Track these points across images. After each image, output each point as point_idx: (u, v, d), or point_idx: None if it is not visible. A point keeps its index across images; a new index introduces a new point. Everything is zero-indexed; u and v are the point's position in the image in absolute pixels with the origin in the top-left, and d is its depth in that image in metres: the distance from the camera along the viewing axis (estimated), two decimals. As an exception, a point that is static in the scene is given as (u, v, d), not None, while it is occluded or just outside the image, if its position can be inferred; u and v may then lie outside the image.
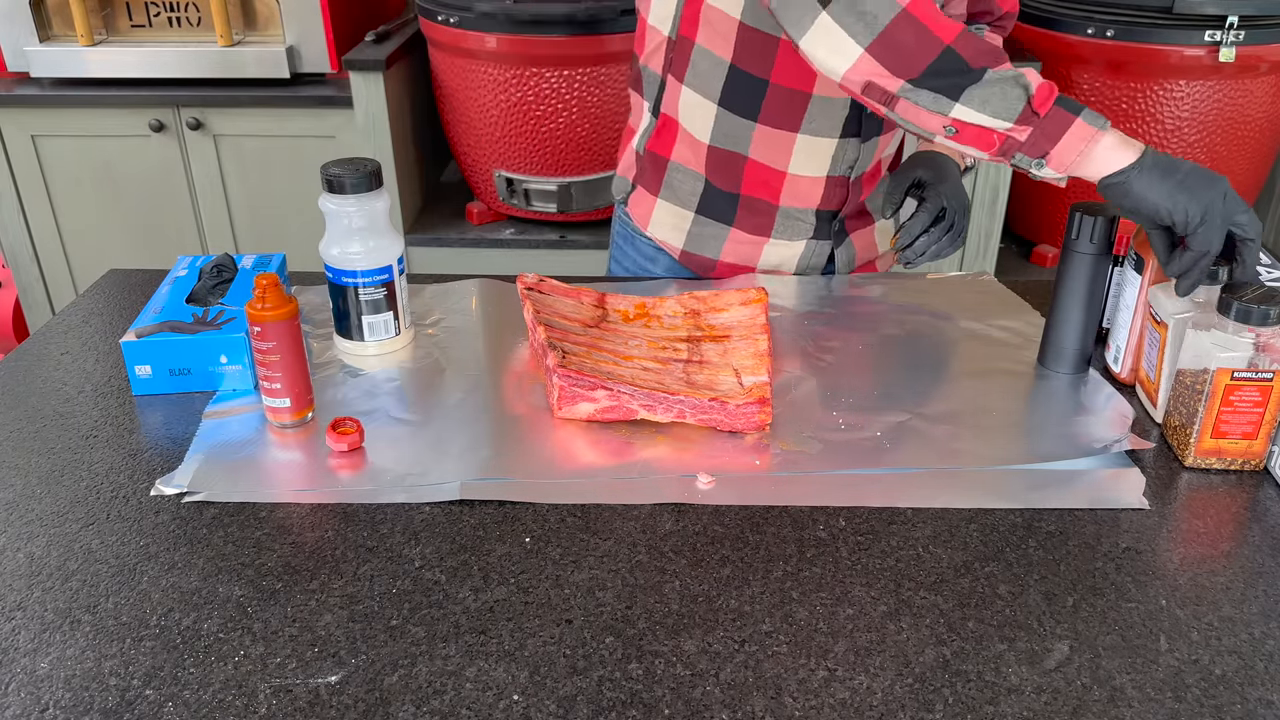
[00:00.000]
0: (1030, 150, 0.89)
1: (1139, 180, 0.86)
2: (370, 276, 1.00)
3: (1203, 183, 0.85)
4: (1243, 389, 0.83)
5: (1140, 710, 0.64)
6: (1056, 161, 0.88)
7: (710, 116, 1.13)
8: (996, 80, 0.88)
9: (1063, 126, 0.87)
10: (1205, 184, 0.85)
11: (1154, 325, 0.91)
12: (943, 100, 0.89)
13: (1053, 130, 0.87)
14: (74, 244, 2.39)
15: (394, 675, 0.66)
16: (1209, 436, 0.85)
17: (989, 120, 0.89)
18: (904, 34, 0.89)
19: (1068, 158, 0.88)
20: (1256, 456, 0.86)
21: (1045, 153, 0.88)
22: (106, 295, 1.19)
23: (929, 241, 1.10)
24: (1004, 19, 1.22)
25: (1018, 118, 0.88)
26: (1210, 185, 0.85)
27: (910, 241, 1.10)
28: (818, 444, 0.90)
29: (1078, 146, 0.87)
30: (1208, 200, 0.84)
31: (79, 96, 2.21)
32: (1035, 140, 0.88)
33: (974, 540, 0.79)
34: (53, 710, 0.63)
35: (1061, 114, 0.87)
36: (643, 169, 1.22)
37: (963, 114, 0.89)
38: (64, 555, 0.77)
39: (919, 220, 1.10)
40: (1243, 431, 0.85)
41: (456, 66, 2.07)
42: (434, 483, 0.84)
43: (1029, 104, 0.87)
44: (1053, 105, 0.87)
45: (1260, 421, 0.84)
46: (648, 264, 1.26)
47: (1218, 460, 0.86)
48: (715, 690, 0.65)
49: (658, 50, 1.14)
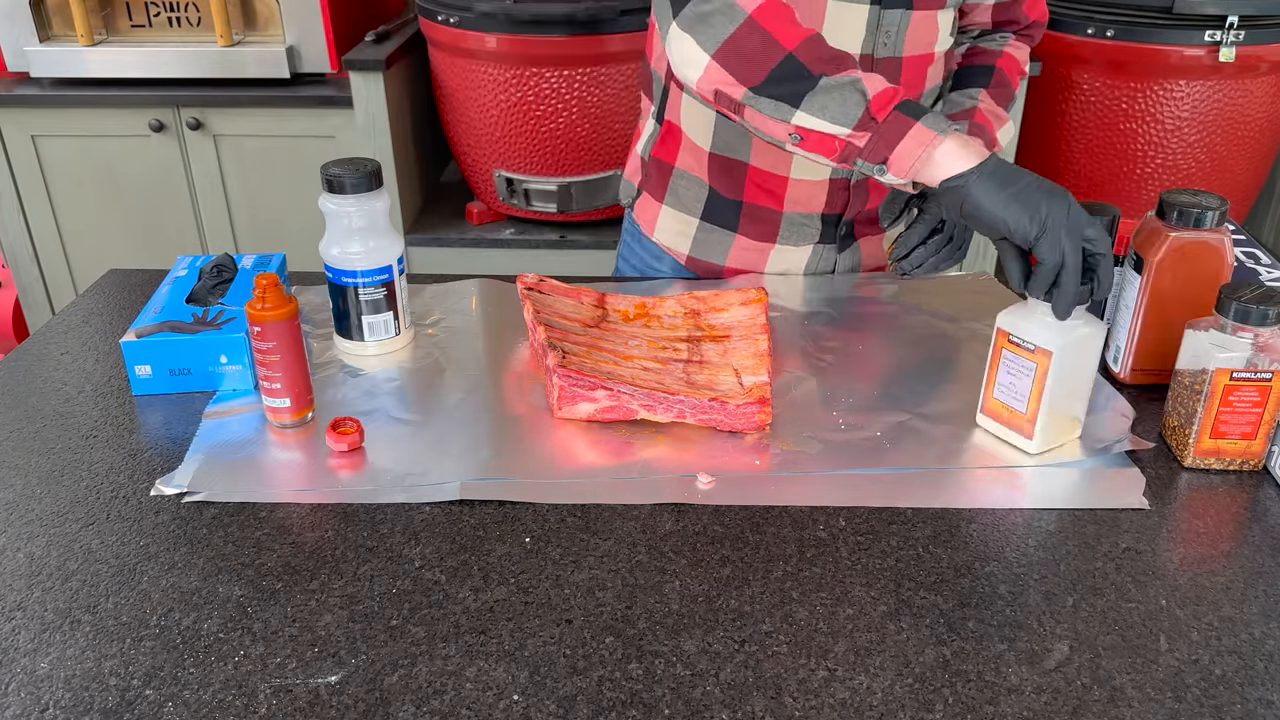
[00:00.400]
0: (869, 156, 0.89)
1: (976, 186, 0.85)
2: (370, 276, 1.00)
3: (1041, 194, 0.83)
4: (1241, 389, 0.83)
5: (1140, 710, 0.64)
6: (896, 166, 0.88)
7: (710, 123, 1.13)
8: (834, 86, 0.88)
9: (900, 131, 0.87)
10: (1044, 195, 0.83)
11: (1019, 353, 0.86)
12: (784, 108, 0.90)
13: (890, 135, 0.87)
14: (74, 244, 2.39)
15: (394, 675, 0.66)
16: (1208, 437, 0.85)
17: (829, 126, 0.89)
18: (748, 42, 0.90)
19: (906, 162, 0.87)
20: (1255, 457, 0.86)
21: (885, 158, 0.88)
22: (106, 295, 1.19)
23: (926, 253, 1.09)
24: (1031, 28, 1.20)
25: (856, 123, 0.88)
26: (1050, 196, 0.83)
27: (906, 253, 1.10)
28: (818, 444, 0.90)
29: (915, 151, 0.86)
30: (1046, 211, 0.82)
31: (79, 96, 2.21)
32: (874, 145, 0.88)
33: (974, 540, 0.79)
34: (53, 710, 0.63)
35: (900, 119, 0.87)
36: (648, 175, 1.22)
37: (804, 121, 0.90)
38: (64, 555, 0.77)
39: (916, 231, 1.09)
40: (1241, 432, 0.85)
41: (456, 66, 2.07)
42: (434, 483, 0.84)
43: (867, 109, 0.87)
44: (892, 110, 0.87)
45: (1259, 422, 0.84)
46: (654, 263, 1.26)
47: (1216, 460, 0.86)
48: (715, 690, 0.65)
49: (663, 55, 1.14)
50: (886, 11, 1.03)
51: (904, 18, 1.04)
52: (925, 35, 1.07)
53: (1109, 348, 1.02)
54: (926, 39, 1.08)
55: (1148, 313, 0.96)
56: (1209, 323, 0.85)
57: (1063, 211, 0.82)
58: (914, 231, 1.09)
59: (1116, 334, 1.00)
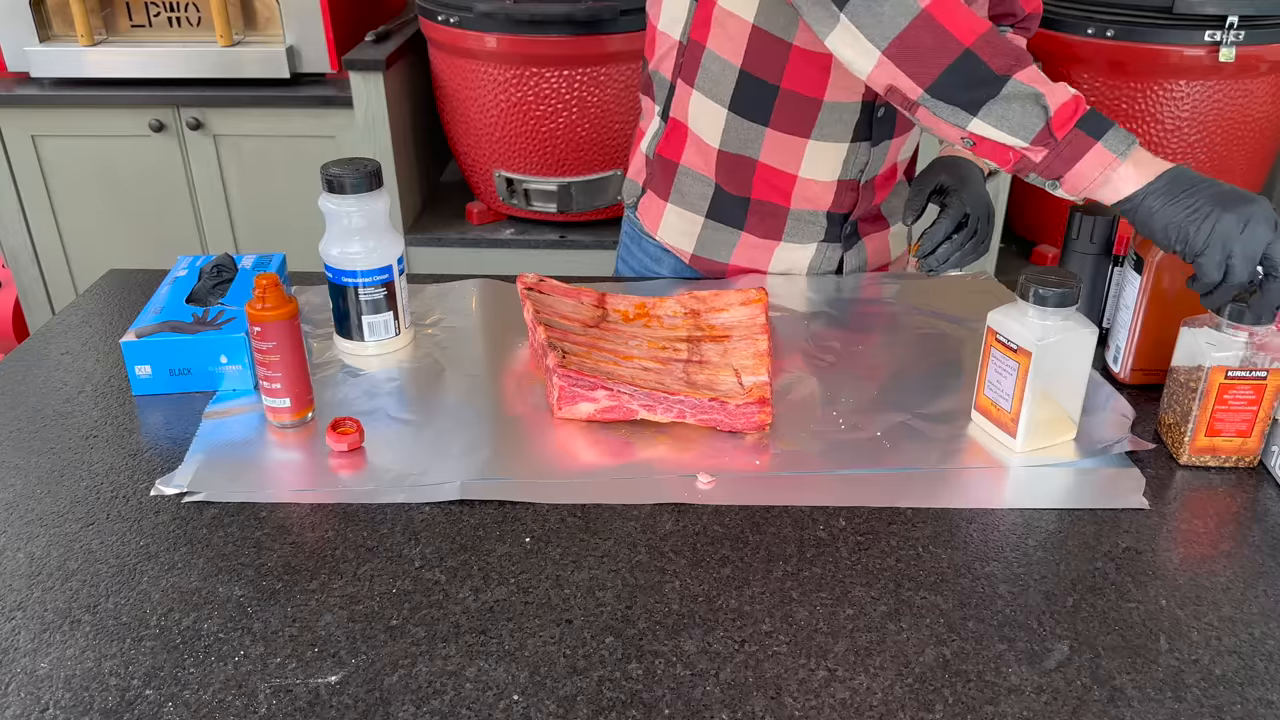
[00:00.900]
0: (1044, 172, 0.87)
1: (1144, 206, 0.84)
2: (370, 276, 1.00)
3: (1215, 207, 0.80)
4: (1237, 387, 0.83)
5: (1140, 710, 0.64)
6: (1070, 185, 0.86)
7: (720, 121, 1.12)
8: (1017, 96, 0.86)
9: (1079, 152, 0.84)
10: (1213, 210, 0.80)
11: (1005, 352, 0.86)
12: (960, 114, 0.88)
13: (1069, 155, 0.85)
14: (74, 244, 2.39)
15: (394, 675, 0.66)
16: (1203, 435, 0.85)
17: (1005, 138, 0.87)
18: (922, 37, 0.87)
19: (1082, 183, 0.85)
20: (1250, 454, 0.86)
21: (1060, 175, 0.86)
22: (106, 295, 1.19)
23: (951, 249, 1.08)
24: (1027, 20, 1.20)
25: (1034, 138, 0.86)
26: (1222, 210, 0.80)
27: (932, 249, 1.10)
28: (818, 444, 0.90)
29: (1092, 174, 0.85)
30: (1210, 228, 0.80)
31: (79, 96, 2.21)
32: (1050, 163, 0.86)
33: (974, 540, 0.79)
34: (53, 710, 0.63)
35: (1081, 138, 0.84)
36: (652, 173, 1.22)
37: (980, 129, 0.88)
38: (64, 555, 0.77)
39: (940, 227, 1.09)
40: (1237, 429, 0.85)
41: (456, 66, 2.07)
42: (434, 483, 0.84)
43: (1047, 126, 0.85)
44: (1072, 128, 0.85)
45: (1254, 419, 0.84)
46: (653, 264, 1.26)
47: (1212, 458, 0.86)
48: (715, 690, 0.65)
49: (668, 55, 1.14)
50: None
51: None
52: None
53: (1109, 348, 1.02)
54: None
55: (1148, 313, 0.96)
56: (1204, 320, 0.85)
57: (1233, 227, 0.79)
58: (938, 228, 1.09)
59: (1116, 334, 1.00)
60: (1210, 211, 0.80)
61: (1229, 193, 0.81)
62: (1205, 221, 0.80)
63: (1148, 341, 0.97)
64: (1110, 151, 0.84)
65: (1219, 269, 0.81)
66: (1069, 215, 1.04)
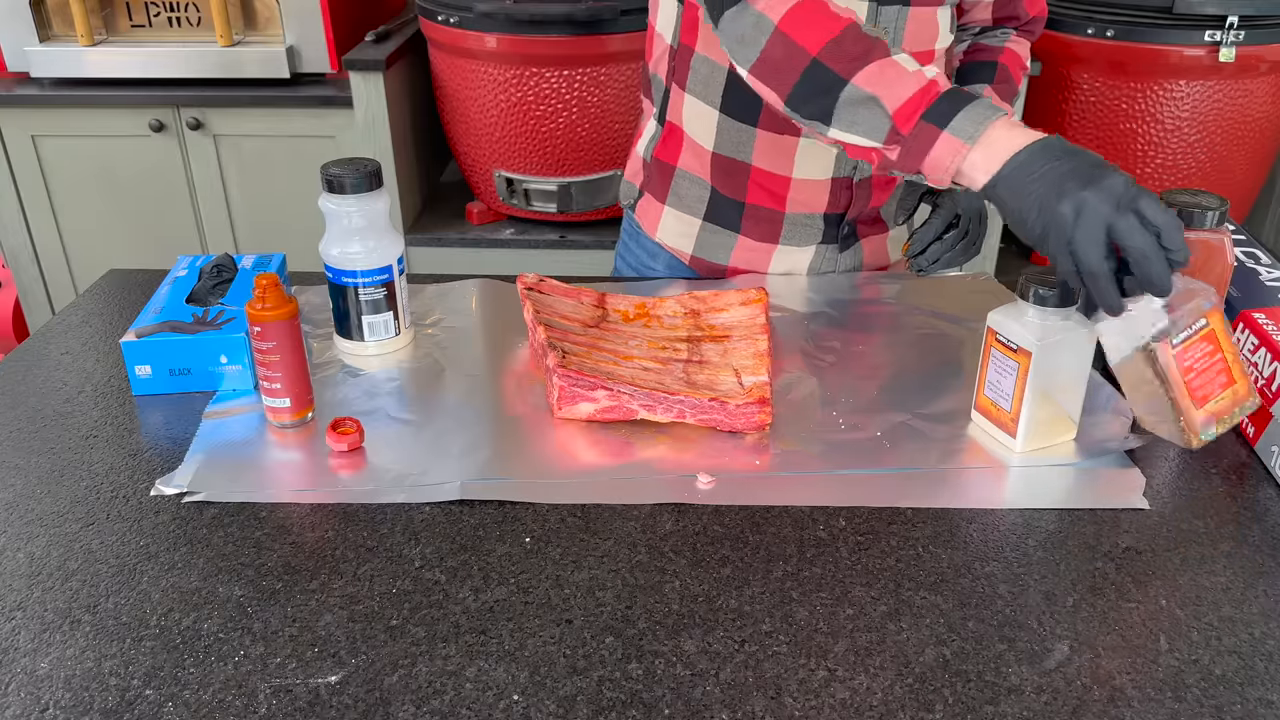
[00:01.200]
0: (903, 169, 0.86)
1: (995, 198, 0.80)
2: (370, 276, 1.00)
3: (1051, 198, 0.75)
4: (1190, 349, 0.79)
5: (1140, 710, 0.64)
6: (932, 177, 0.84)
7: (713, 123, 1.12)
8: (856, 101, 0.85)
9: (927, 144, 0.83)
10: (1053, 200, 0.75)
11: (1005, 352, 0.85)
12: (819, 125, 0.89)
13: (917, 149, 0.83)
14: (74, 244, 2.39)
15: (394, 675, 0.66)
16: (1196, 410, 0.82)
17: (863, 141, 0.87)
18: (776, 52, 0.88)
19: (940, 173, 0.83)
20: (1244, 398, 0.82)
21: (918, 170, 0.85)
22: (106, 295, 1.19)
23: (941, 249, 1.08)
24: (1031, 23, 1.20)
25: (885, 138, 0.85)
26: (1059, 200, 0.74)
27: (922, 248, 1.09)
28: (818, 444, 0.90)
29: (945, 163, 0.82)
30: (1049, 220, 0.75)
31: (79, 96, 2.21)
32: (904, 159, 0.85)
33: (974, 540, 0.79)
34: (53, 710, 0.63)
35: (927, 129, 0.82)
36: (650, 176, 1.22)
37: (839, 136, 0.88)
38: (64, 555, 0.77)
39: (931, 227, 1.09)
40: (1221, 385, 0.81)
41: (456, 66, 2.07)
42: (434, 483, 0.84)
43: (892, 125, 0.84)
44: (917, 121, 0.83)
45: (1227, 366, 0.80)
46: (650, 261, 1.26)
47: (1219, 424, 0.83)
48: (715, 690, 0.65)
49: (662, 57, 1.15)
50: (884, 8, 1.03)
51: (901, 14, 1.04)
52: (925, 31, 1.07)
53: None
54: (926, 35, 1.08)
55: None
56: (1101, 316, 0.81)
57: (1067, 216, 0.74)
58: (929, 228, 1.09)
59: None
60: (1045, 202, 0.75)
61: (1068, 176, 0.75)
62: (1041, 214, 0.76)
63: None
64: (957, 138, 0.81)
65: (1066, 263, 0.76)
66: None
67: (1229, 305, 0.97)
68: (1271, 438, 0.87)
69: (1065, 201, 0.74)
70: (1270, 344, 0.89)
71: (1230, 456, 0.89)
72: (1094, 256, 0.74)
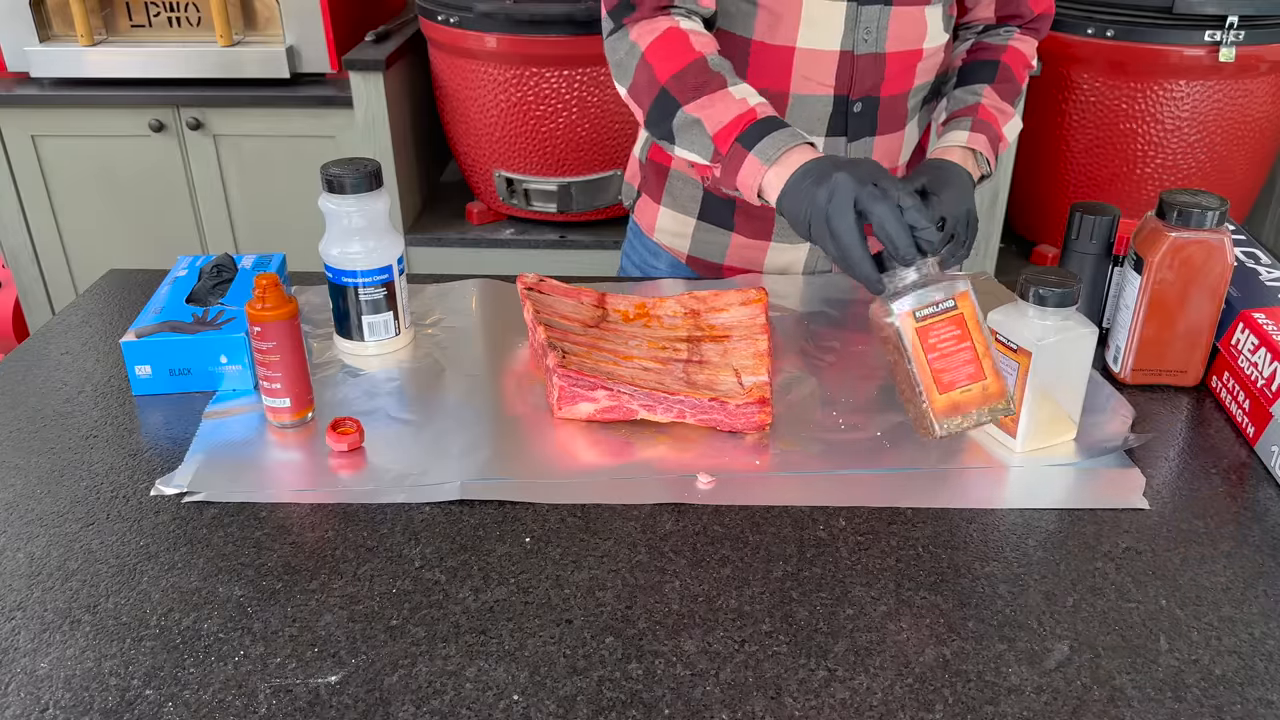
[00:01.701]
0: (724, 184, 0.95)
1: (783, 210, 0.89)
2: (370, 276, 1.00)
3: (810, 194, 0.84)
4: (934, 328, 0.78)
5: (1140, 710, 0.64)
6: (746, 193, 0.93)
7: None
8: (687, 124, 0.95)
9: (737, 164, 0.92)
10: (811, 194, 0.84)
11: (1005, 352, 0.85)
12: (668, 144, 0.99)
13: (730, 168, 0.93)
14: (74, 244, 2.39)
15: (394, 675, 0.66)
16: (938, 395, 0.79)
17: (699, 159, 0.96)
18: (641, 78, 0.98)
19: (748, 192, 0.92)
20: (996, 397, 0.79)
21: (734, 186, 0.94)
22: (106, 295, 1.19)
23: None
24: (1036, 21, 1.19)
25: (711, 156, 0.95)
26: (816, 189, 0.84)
27: None
28: (818, 444, 0.90)
29: (750, 182, 0.91)
30: (809, 214, 0.84)
31: (79, 96, 2.21)
32: (724, 176, 0.94)
33: (974, 540, 0.79)
34: (53, 710, 0.63)
35: (738, 151, 0.92)
36: (646, 177, 1.23)
37: (682, 154, 0.98)
38: (64, 555, 0.77)
39: None
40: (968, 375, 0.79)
41: (456, 66, 2.07)
42: (434, 483, 0.84)
43: (714, 145, 0.93)
44: (732, 143, 0.92)
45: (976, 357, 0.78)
46: (652, 259, 1.27)
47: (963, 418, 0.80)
48: (715, 690, 0.65)
49: None
50: (865, 8, 1.04)
51: (883, 13, 1.05)
52: (911, 31, 1.07)
53: (1109, 347, 1.02)
54: (913, 34, 1.08)
55: (1148, 313, 0.96)
56: None
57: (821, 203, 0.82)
58: None
59: (1116, 334, 1.01)
60: (810, 194, 0.84)
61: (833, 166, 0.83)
62: (806, 205, 0.84)
63: (1148, 342, 0.97)
64: (758, 159, 0.90)
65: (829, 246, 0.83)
66: (1069, 215, 1.04)
67: (1229, 305, 0.97)
68: (1271, 438, 0.87)
69: (822, 187, 0.83)
70: (1270, 344, 0.89)
71: (1230, 456, 0.90)
72: (844, 228, 0.81)
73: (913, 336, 0.79)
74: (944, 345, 0.79)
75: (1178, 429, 0.94)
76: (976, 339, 0.79)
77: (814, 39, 1.04)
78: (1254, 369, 0.91)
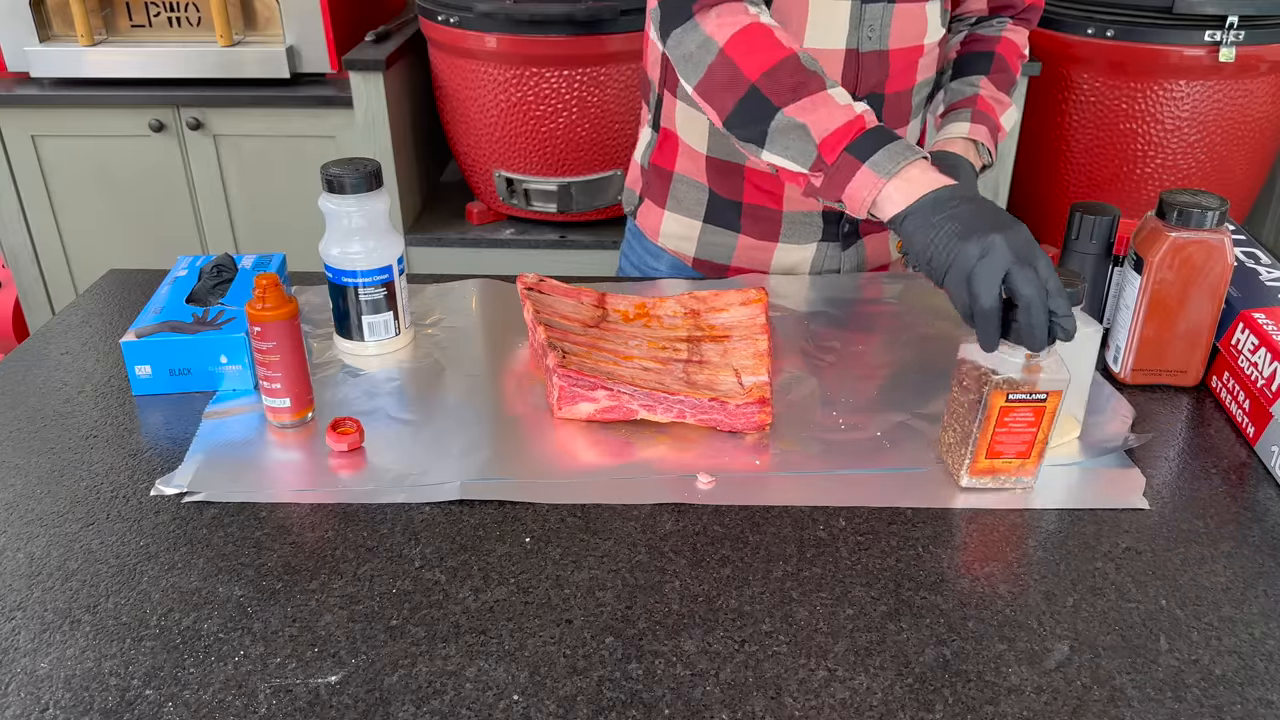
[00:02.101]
0: (825, 195, 0.90)
1: (903, 229, 0.85)
2: (370, 276, 1.00)
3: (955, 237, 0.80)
4: (1017, 410, 0.79)
5: (1140, 710, 0.64)
6: (851, 206, 0.89)
7: (704, 127, 1.13)
8: (788, 129, 0.90)
9: (848, 175, 0.88)
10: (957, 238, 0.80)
11: None
12: (752, 146, 0.93)
13: (839, 179, 0.88)
14: (74, 244, 2.39)
15: (394, 675, 0.66)
16: (984, 457, 0.82)
17: (792, 165, 0.91)
18: (719, 74, 0.93)
19: (857, 204, 0.88)
20: (1029, 474, 0.83)
21: (838, 197, 0.89)
22: (106, 295, 1.19)
23: None
24: (1027, 11, 1.20)
25: (812, 164, 0.90)
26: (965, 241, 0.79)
27: None
28: (818, 444, 0.90)
29: (861, 195, 0.87)
30: (953, 257, 0.79)
31: (79, 96, 2.21)
32: (827, 187, 0.90)
33: (974, 540, 0.79)
34: (53, 710, 0.63)
35: (849, 162, 0.87)
36: (649, 182, 1.23)
37: (771, 159, 0.93)
38: (64, 555, 0.77)
39: None
40: (1016, 451, 0.82)
41: (456, 66, 2.07)
42: (434, 483, 0.84)
43: (818, 153, 0.89)
44: (841, 153, 0.88)
45: (1033, 442, 0.81)
46: (654, 262, 1.26)
47: (991, 480, 0.83)
48: (715, 690, 0.65)
49: (656, 62, 1.16)
50: (869, 6, 1.04)
51: (886, 11, 1.05)
52: (912, 27, 1.08)
53: (1109, 348, 1.02)
54: (914, 31, 1.08)
55: (1148, 313, 0.96)
56: None
57: (971, 256, 0.78)
58: None
59: (1116, 334, 1.01)
60: (951, 240, 0.80)
61: (979, 217, 0.80)
62: (945, 249, 0.80)
63: (1148, 342, 0.97)
64: (874, 173, 0.86)
65: (961, 296, 0.80)
66: (1069, 215, 1.04)
67: (1229, 305, 0.97)
68: (1271, 438, 0.87)
69: (973, 240, 0.79)
70: (1270, 344, 0.89)
71: (1230, 456, 0.90)
72: (989, 294, 0.78)
73: (994, 408, 0.80)
74: (1015, 425, 0.80)
75: (1178, 429, 0.94)
76: (1044, 428, 0.81)
77: (820, 39, 1.04)
78: (1254, 369, 0.91)
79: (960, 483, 0.84)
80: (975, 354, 0.81)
